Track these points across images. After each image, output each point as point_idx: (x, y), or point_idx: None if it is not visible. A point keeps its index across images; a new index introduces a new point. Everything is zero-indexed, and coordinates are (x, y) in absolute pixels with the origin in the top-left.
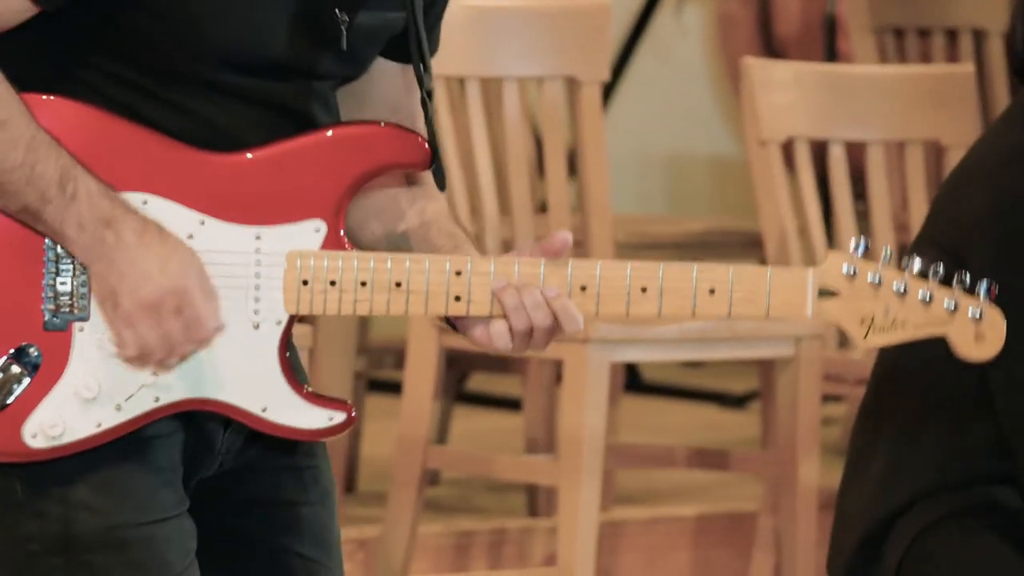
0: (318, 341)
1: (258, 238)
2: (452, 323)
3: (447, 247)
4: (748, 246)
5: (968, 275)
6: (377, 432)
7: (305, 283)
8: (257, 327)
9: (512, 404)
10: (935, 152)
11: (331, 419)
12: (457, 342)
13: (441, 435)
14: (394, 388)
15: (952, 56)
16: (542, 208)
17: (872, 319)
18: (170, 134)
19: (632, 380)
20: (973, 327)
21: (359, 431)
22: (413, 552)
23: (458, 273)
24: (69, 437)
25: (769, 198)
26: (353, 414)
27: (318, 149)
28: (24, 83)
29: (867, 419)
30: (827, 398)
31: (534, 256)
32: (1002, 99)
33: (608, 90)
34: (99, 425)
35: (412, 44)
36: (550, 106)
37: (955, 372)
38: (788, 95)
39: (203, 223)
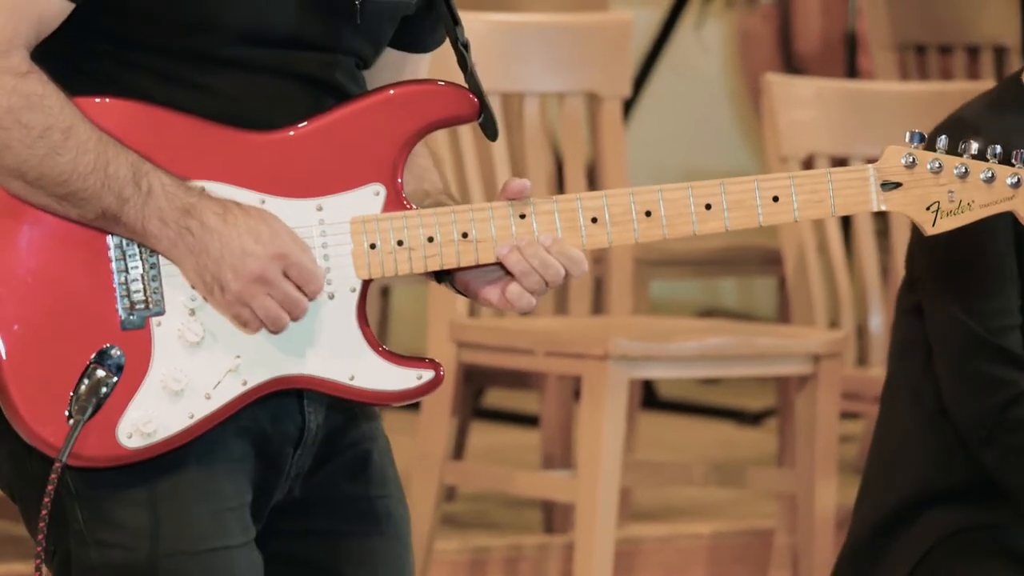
0: None
1: (320, 209)
2: (460, 289)
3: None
4: (767, 263)
5: None
6: (394, 447)
7: (373, 247)
8: (332, 297)
9: (529, 420)
10: None
11: (420, 378)
12: (474, 357)
13: (458, 451)
14: (411, 404)
15: (973, 73)
16: None
17: (937, 204)
18: (203, 115)
19: (648, 397)
20: None
21: None
22: (429, 567)
23: (522, 216)
24: (163, 432)
25: None
26: (442, 372)
27: (366, 114)
28: None
29: (877, 431)
30: (845, 415)
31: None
32: None
33: (628, 106)
34: (191, 416)
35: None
36: (570, 121)
37: (921, 360)
38: (808, 112)
39: (264, 202)
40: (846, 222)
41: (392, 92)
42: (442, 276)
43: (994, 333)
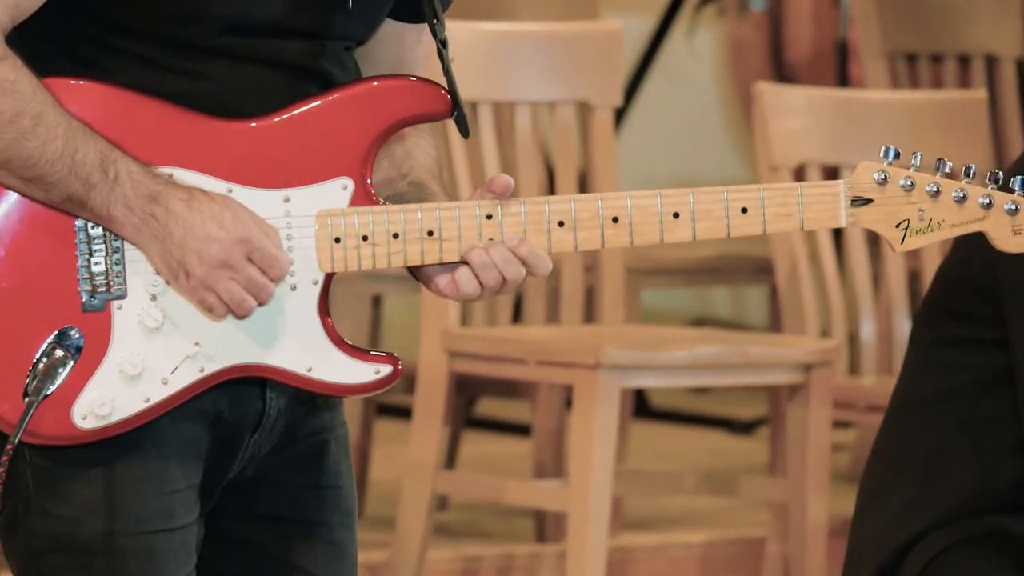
0: None
1: (287, 200)
2: (414, 274)
3: (413, 198)
4: (758, 272)
5: (1001, 173)
6: (386, 457)
7: (337, 240)
8: (294, 288)
9: (521, 429)
10: None
11: (377, 372)
12: (466, 366)
13: (450, 460)
14: (403, 413)
15: (964, 82)
16: None
17: (907, 223)
18: (188, 103)
19: (640, 406)
20: (1010, 221)
21: (367, 455)
22: None
23: (489, 216)
24: (118, 415)
25: None
26: (400, 367)
27: (338, 107)
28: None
29: (887, 449)
30: (837, 424)
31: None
32: (1014, 124)
33: (619, 114)
34: (147, 400)
35: None
36: (562, 130)
37: (980, 401)
38: (800, 120)
39: (231, 191)
40: (838, 231)
41: (364, 86)
42: None
43: None
